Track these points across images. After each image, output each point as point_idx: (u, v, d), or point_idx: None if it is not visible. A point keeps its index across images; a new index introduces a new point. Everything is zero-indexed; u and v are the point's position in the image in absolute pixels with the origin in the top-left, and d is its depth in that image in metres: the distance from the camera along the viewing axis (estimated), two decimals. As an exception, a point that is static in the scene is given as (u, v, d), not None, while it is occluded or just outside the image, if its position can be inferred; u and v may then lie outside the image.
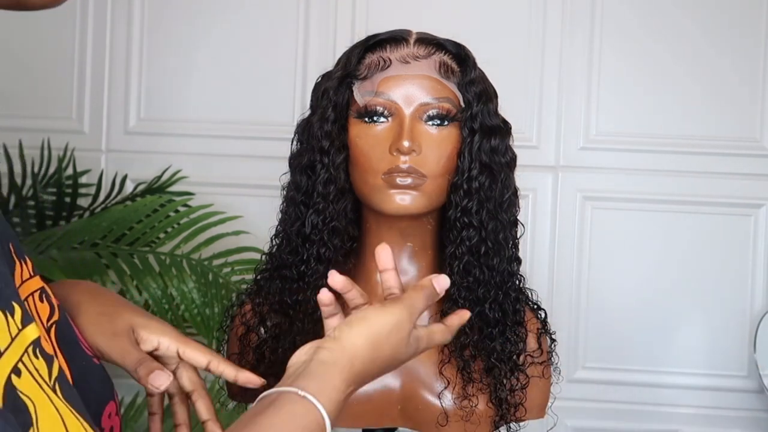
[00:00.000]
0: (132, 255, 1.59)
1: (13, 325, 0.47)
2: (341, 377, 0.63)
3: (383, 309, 0.67)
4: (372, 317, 0.67)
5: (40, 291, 0.60)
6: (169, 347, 0.76)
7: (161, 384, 0.68)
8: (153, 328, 0.76)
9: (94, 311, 0.75)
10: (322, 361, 0.63)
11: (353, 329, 0.66)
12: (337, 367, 0.63)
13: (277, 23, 2.15)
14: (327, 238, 0.91)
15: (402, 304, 0.68)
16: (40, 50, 2.19)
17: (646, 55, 2.08)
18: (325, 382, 0.62)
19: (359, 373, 0.65)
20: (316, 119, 0.92)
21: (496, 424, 0.93)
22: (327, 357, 0.64)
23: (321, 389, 0.61)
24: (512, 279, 0.94)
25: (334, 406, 0.61)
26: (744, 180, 2.05)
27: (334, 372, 0.63)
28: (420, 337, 0.70)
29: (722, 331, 2.06)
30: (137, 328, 0.75)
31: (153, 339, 0.75)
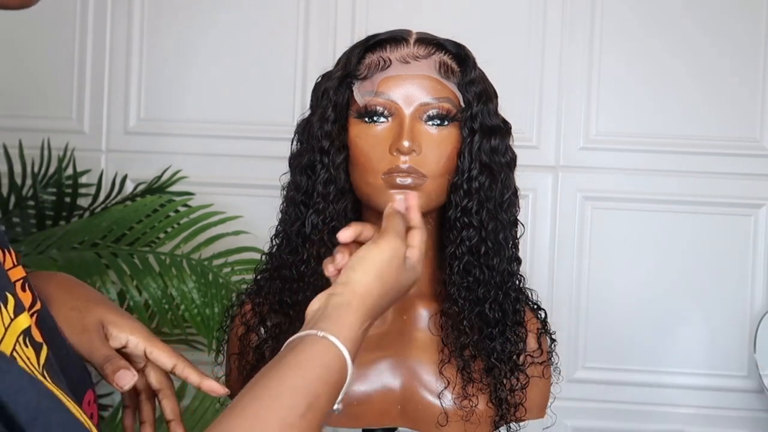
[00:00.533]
0: (132, 255, 1.59)
1: (6, 315, 0.48)
2: (356, 315, 0.67)
3: (377, 244, 0.72)
4: (370, 254, 0.71)
5: (23, 280, 0.61)
6: (137, 346, 0.76)
7: (126, 383, 0.69)
8: (123, 326, 0.76)
9: (66, 305, 0.75)
10: (336, 305, 0.67)
11: (357, 270, 0.70)
12: (351, 306, 0.67)
13: (277, 23, 2.15)
14: (327, 238, 0.91)
15: (389, 234, 0.73)
16: (40, 50, 2.19)
17: (646, 55, 2.08)
18: (342, 322, 0.66)
19: (372, 307, 0.69)
20: (316, 119, 0.92)
21: (496, 424, 0.93)
22: (340, 300, 0.68)
23: (339, 329, 0.65)
24: (512, 279, 0.94)
25: (352, 343, 0.65)
26: (744, 180, 2.05)
27: (348, 311, 0.67)
28: (411, 257, 0.74)
29: (722, 331, 2.06)
30: (107, 325, 0.75)
31: (122, 336, 0.75)
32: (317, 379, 0.62)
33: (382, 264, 0.70)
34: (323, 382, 0.62)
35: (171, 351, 0.77)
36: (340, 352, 0.64)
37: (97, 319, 0.75)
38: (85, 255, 1.54)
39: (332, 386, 0.63)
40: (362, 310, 0.68)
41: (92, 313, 0.75)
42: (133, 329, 0.76)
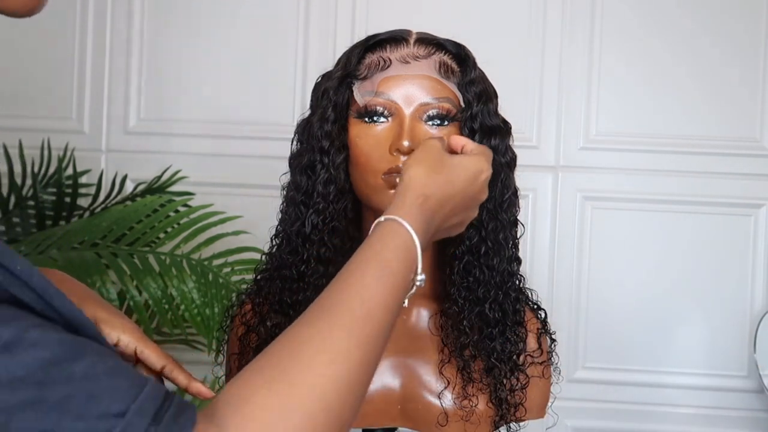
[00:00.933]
0: (132, 255, 1.59)
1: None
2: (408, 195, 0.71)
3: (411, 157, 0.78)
4: (414, 153, 0.78)
5: None
6: (128, 345, 0.75)
7: None
8: (114, 324, 0.75)
9: None
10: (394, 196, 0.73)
11: (405, 170, 0.75)
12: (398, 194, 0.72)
13: (277, 23, 2.15)
14: (327, 238, 0.91)
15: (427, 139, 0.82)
16: (40, 50, 2.19)
17: (646, 55, 2.08)
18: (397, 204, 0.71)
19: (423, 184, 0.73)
20: (316, 119, 0.92)
21: (496, 424, 0.93)
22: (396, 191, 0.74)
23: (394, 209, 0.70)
24: (512, 279, 0.94)
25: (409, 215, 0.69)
26: (744, 180, 2.05)
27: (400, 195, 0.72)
28: (464, 156, 0.80)
29: (722, 331, 2.06)
30: (99, 323, 0.75)
31: (114, 335, 0.75)
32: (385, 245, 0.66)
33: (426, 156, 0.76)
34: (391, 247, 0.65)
35: (161, 352, 0.76)
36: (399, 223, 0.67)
37: (89, 316, 0.74)
38: (85, 255, 1.54)
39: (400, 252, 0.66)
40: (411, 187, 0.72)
41: (85, 310, 0.75)
42: (125, 328, 0.75)
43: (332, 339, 0.56)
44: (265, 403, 0.51)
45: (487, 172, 0.79)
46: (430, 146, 0.78)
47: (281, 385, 0.52)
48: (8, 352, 0.42)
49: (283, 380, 0.52)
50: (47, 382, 0.43)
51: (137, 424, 0.45)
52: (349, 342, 0.57)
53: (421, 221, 0.70)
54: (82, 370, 0.45)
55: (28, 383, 0.42)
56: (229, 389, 0.53)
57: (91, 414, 0.44)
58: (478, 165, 0.78)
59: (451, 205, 0.75)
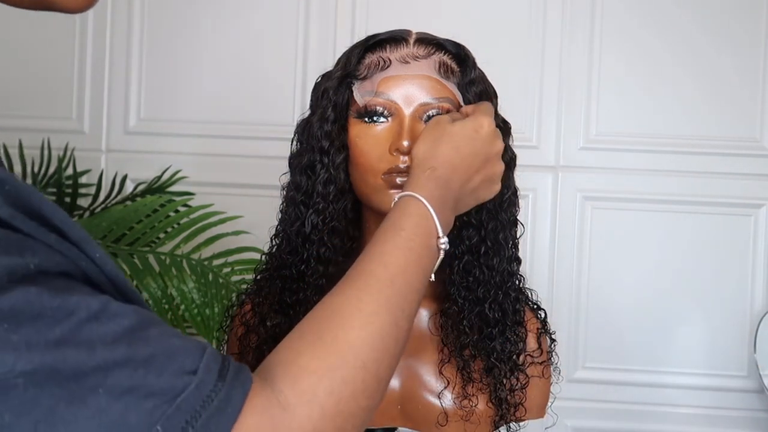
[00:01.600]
0: (132, 255, 1.59)
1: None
2: (416, 170, 0.77)
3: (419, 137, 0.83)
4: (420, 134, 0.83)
5: None
6: None
7: None
8: None
9: None
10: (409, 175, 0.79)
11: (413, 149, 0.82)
12: (413, 171, 0.78)
13: (277, 23, 2.15)
14: (327, 238, 0.91)
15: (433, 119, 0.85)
16: (40, 50, 2.19)
17: (646, 55, 2.08)
18: (407, 182, 0.77)
19: (428, 157, 0.78)
20: (316, 119, 0.92)
21: (496, 424, 0.93)
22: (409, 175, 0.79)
23: (404, 187, 0.76)
24: (512, 279, 0.94)
25: (420, 187, 0.75)
26: (744, 180, 2.05)
27: (412, 175, 0.77)
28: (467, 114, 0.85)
29: (722, 331, 2.06)
30: None
31: None
32: (399, 216, 0.71)
33: (430, 131, 0.81)
34: (405, 216, 0.71)
35: None
36: (409, 196, 0.73)
37: None
38: (85, 255, 1.54)
39: (415, 219, 0.71)
40: (417, 167, 0.78)
41: None
42: None
43: (361, 303, 0.63)
44: (309, 364, 0.57)
45: (486, 125, 0.81)
46: (435, 121, 0.83)
47: (321, 347, 0.58)
48: (97, 320, 0.48)
49: (322, 343, 0.59)
50: (132, 344, 0.49)
51: (207, 381, 0.51)
52: (378, 304, 0.63)
53: (432, 190, 0.74)
54: (157, 333, 0.51)
55: (119, 345, 0.48)
56: (275, 354, 0.59)
57: (171, 370, 0.50)
58: (475, 122, 0.81)
59: (463, 168, 0.79)
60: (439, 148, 0.79)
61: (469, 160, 0.79)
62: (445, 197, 0.75)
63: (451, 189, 0.77)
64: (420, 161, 0.78)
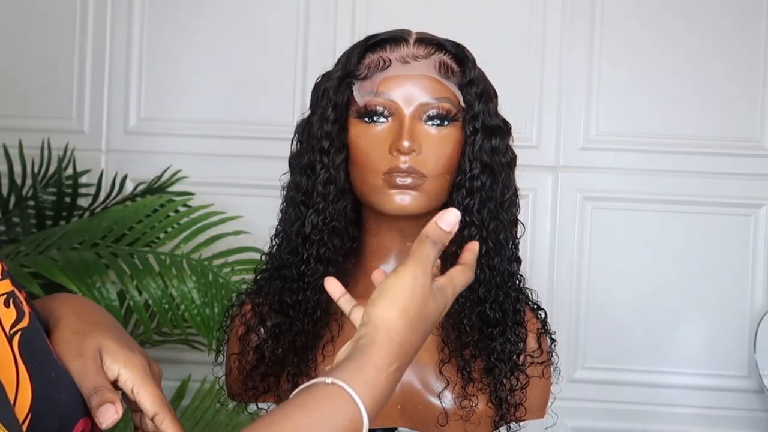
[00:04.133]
0: (132, 255, 1.59)
1: None
2: (380, 354, 0.62)
3: (396, 274, 0.66)
4: (389, 286, 0.65)
5: (7, 296, 0.58)
6: (126, 382, 0.69)
7: (105, 420, 0.63)
8: (118, 357, 0.69)
9: (69, 328, 0.70)
10: (360, 347, 0.62)
11: (377, 305, 0.65)
12: (375, 345, 0.62)
13: (277, 23, 2.15)
14: (327, 238, 0.91)
15: (411, 261, 0.66)
16: (40, 50, 2.19)
17: (646, 55, 2.08)
18: (363, 364, 0.61)
19: (400, 344, 0.63)
20: (316, 119, 0.92)
21: (496, 424, 0.93)
22: (364, 341, 0.63)
23: (356, 371, 0.60)
24: (512, 279, 0.94)
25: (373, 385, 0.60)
26: (744, 180, 2.05)
27: (371, 352, 0.62)
28: (442, 286, 0.68)
29: (722, 331, 2.06)
30: (103, 353, 0.69)
31: (114, 368, 0.69)
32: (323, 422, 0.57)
33: (404, 295, 0.65)
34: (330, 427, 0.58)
35: (158, 398, 0.70)
36: (351, 399, 0.59)
37: (95, 345, 0.69)
38: (85, 255, 1.54)
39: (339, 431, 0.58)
40: (387, 347, 0.62)
41: (92, 338, 0.70)
42: (128, 362, 0.69)
43: None
44: None
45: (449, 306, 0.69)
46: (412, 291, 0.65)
47: None
48: None
49: None
50: None
51: None
52: None
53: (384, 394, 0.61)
54: None
55: None
56: None
57: None
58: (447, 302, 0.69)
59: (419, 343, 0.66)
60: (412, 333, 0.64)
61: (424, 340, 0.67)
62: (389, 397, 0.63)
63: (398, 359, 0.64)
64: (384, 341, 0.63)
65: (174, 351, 1.92)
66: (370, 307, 0.65)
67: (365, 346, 0.62)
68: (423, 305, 0.65)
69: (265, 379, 0.95)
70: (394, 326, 0.63)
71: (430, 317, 0.66)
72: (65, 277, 1.43)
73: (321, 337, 0.93)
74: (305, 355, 0.92)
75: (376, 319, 0.64)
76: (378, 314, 0.64)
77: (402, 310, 0.64)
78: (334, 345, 0.93)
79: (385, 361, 0.62)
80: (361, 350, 0.62)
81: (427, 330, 0.67)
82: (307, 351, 0.92)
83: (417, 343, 0.66)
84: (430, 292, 0.66)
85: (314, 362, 0.93)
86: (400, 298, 0.64)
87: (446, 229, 0.69)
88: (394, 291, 0.65)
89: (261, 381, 0.95)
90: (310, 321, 0.92)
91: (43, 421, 0.55)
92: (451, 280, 0.69)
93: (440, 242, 0.68)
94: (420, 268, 0.66)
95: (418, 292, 0.65)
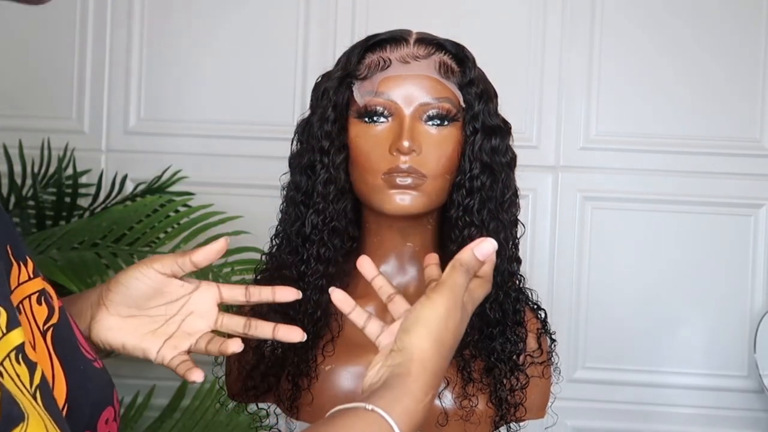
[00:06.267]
0: (132, 255, 1.59)
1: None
2: (417, 385, 0.63)
3: (430, 302, 0.67)
4: (425, 316, 0.66)
5: (39, 293, 0.59)
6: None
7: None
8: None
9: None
10: (397, 375, 0.64)
11: (413, 334, 0.66)
12: (411, 376, 0.63)
13: (277, 23, 2.15)
14: (327, 238, 0.91)
15: (446, 291, 0.67)
16: (40, 50, 2.19)
17: (646, 55, 2.08)
18: (402, 394, 0.62)
19: (434, 374, 0.65)
20: (316, 119, 0.92)
21: (496, 424, 0.93)
22: (401, 370, 0.64)
23: (394, 400, 0.61)
24: (512, 279, 0.94)
25: (411, 416, 0.61)
26: (744, 180, 2.05)
27: (409, 383, 0.63)
28: (464, 303, 0.69)
29: (722, 331, 2.06)
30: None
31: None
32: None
33: (439, 326, 0.66)
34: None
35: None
36: (390, 427, 0.59)
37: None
38: (85, 255, 1.54)
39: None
40: (423, 378, 0.63)
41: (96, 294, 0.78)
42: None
43: None
44: None
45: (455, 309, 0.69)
46: (452, 316, 0.67)
47: None
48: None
49: None
50: None
51: None
52: None
53: (418, 424, 0.62)
54: None
55: None
56: None
57: None
58: (468, 317, 0.70)
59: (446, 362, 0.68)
60: (445, 360, 0.66)
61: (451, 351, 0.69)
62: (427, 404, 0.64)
63: (432, 388, 0.65)
64: (421, 371, 0.64)
65: (174, 351, 1.92)
66: (405, 335, 0.66)
67: (402, 375, 0.63)
68: (455, 331, 0.67)
69: (265, 379, 0.95)
70: (429, 356, 0.65)
71: (457, 340, 0.68)
72: (65, 277, 1.43)
73: (321, 337, 0.93)
74: (305, 355, 0.92)
75: (411, 348, 0.65)
76: (414, 344, 0.65)
77: (436, 340, 0.65)
78: (334, 345, 0.93)
79: (422, 392, 0.63)
80: (398, 379, 0.63)
81: (453, 353, 0.69)
82: (307, 351, 0.92)
83: (446, 367, 0.67)
84: (461, 318, 0.68)
85: (314, 362, 0.92)
86: (434, 328, 0.65)
87: (481, 259, 0.71)
88: (429, 321, 0.66)
89: (261, 381, 0.95)
90: (310, 321, 0.92)
91: (77, 411, 0.57)
92: (471, 295, 0.71)
93: (472, 271, 0.70)
94: (452, 298, 0.67)
95: (450, 320, 0.66)
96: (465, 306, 0.69)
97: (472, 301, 0.71)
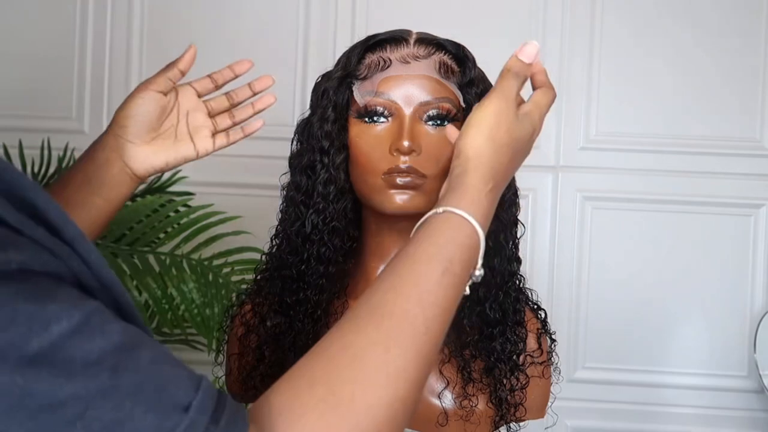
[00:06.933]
0: (132, 255, 1.59)
1: None
2: (476, 177, 0.66)
3: (480, 107, 0.71)
4: (475, 118, 0.70)
5: None
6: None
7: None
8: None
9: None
10: (456, 176, 0.68)
11: (465, 137, 0.69)
12: (469, 172, 0.67)
13: (277, 23, 2.15)
14: (327, 238, 0.91)
15: (494, 93, 0.71)
16: (40, 50, 2.19)
17: (647, 55, 2.08)
18: (464, 190, 0.66)
19: (492, 167, 0.68)
20: (316, 119, 0.92)
21: (496, 424, 0.93)
22: (459, 171, 0.68)
23: (460, 197, 0.65)
24: (512, 279, 0.94)
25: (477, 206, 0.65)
26: (744, 180, 2.05)
27: (468, 178, 0.66)
28: (529, 111, 0.73)
29: (722, 331, 2.06)
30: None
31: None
32: (448, 243, 0.62)
33: (489, 123, 0.69)
34: (455, 245, 0.62)
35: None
36: (464, 219, 0.63)
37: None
38: (85, 255, 1.54)
39: (465, 251, 0.62)
40: (480, 170, 0.67)
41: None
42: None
43: (388, 355, 0.53)
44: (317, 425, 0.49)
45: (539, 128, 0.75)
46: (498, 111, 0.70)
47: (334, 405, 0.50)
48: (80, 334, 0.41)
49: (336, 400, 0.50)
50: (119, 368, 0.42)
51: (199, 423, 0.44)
52: (407, 359, 0.54)
53: (487, 210, 0.66)
54: (148, 358, 0.44)
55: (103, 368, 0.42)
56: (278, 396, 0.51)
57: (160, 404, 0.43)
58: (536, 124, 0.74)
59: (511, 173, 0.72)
60: (502, 156, 0.69)
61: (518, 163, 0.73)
62: (490, 216, 0.67)
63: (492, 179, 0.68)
64: (480, 167, 0.67)
65: (174, 351, 1.90)
66: (459, 140, 0.70)
67: (460, 175, 0.67)
68: (509, 131, 0.70)
69: (265, 380, 0.95)
70: (483, 152, 0.68)
71: (519, 141, 0.71)
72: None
73: (321, 337, 0.93)
74: (305, 355, 0.92)
75: (465, 149, 0.69)
76: (467, 144, 0.69)
77: (488, 137, 0.69)
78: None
79: (481, 182, 0.67)
80: (458, 179, 0.67)
81: (522, 153, 0.73)
82: (308, 351, 0.92)
83: (508, 165, 0.70)
84: (515, 118, 0.71)
85: (314, 362, 0.92)
86: (485, 126, 0.69)
87: (526, 61, 0.74)
88: (479, 121, 0.70)
89: (261, 381, 0.95)
90: (310, 321, 0.92)
91: None
92: (537, 104, 0.75)
93: (522, 74, 0.74)
94: (503, 98, 0.71)
95: (502, 119, 0.70)
96: (531, 115, 0.73)
97: (539, 111, 0.74)
